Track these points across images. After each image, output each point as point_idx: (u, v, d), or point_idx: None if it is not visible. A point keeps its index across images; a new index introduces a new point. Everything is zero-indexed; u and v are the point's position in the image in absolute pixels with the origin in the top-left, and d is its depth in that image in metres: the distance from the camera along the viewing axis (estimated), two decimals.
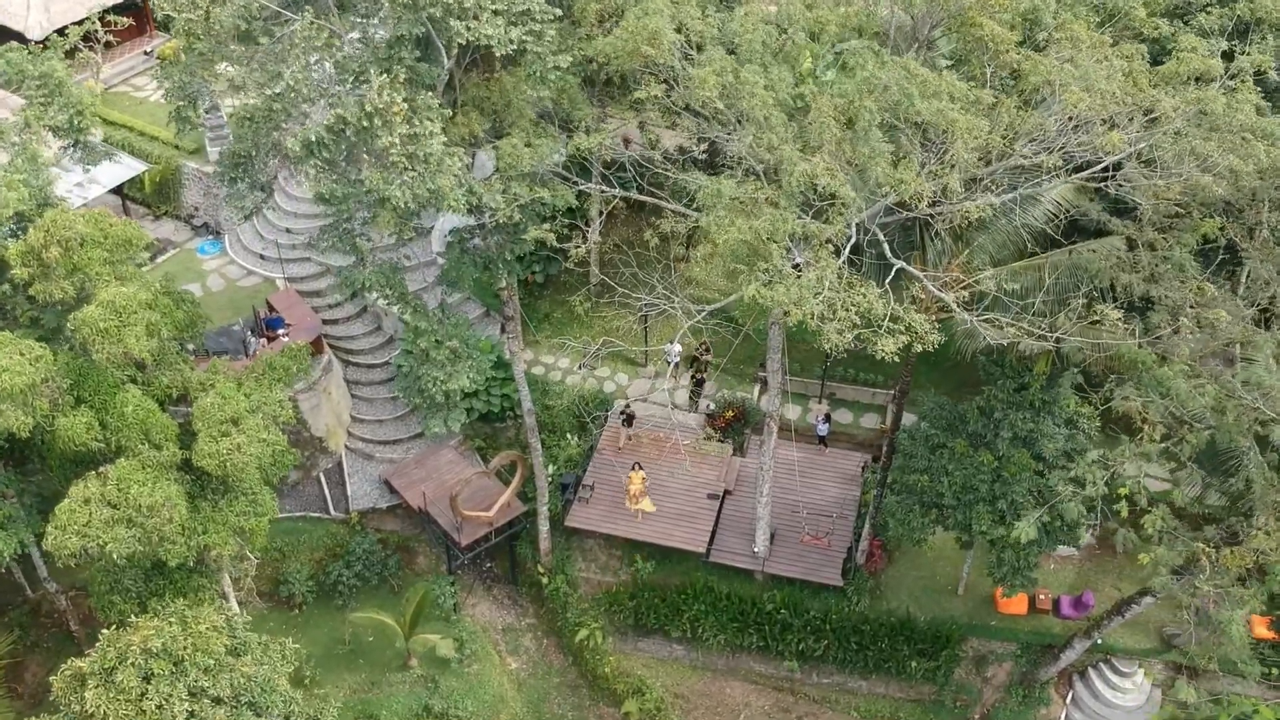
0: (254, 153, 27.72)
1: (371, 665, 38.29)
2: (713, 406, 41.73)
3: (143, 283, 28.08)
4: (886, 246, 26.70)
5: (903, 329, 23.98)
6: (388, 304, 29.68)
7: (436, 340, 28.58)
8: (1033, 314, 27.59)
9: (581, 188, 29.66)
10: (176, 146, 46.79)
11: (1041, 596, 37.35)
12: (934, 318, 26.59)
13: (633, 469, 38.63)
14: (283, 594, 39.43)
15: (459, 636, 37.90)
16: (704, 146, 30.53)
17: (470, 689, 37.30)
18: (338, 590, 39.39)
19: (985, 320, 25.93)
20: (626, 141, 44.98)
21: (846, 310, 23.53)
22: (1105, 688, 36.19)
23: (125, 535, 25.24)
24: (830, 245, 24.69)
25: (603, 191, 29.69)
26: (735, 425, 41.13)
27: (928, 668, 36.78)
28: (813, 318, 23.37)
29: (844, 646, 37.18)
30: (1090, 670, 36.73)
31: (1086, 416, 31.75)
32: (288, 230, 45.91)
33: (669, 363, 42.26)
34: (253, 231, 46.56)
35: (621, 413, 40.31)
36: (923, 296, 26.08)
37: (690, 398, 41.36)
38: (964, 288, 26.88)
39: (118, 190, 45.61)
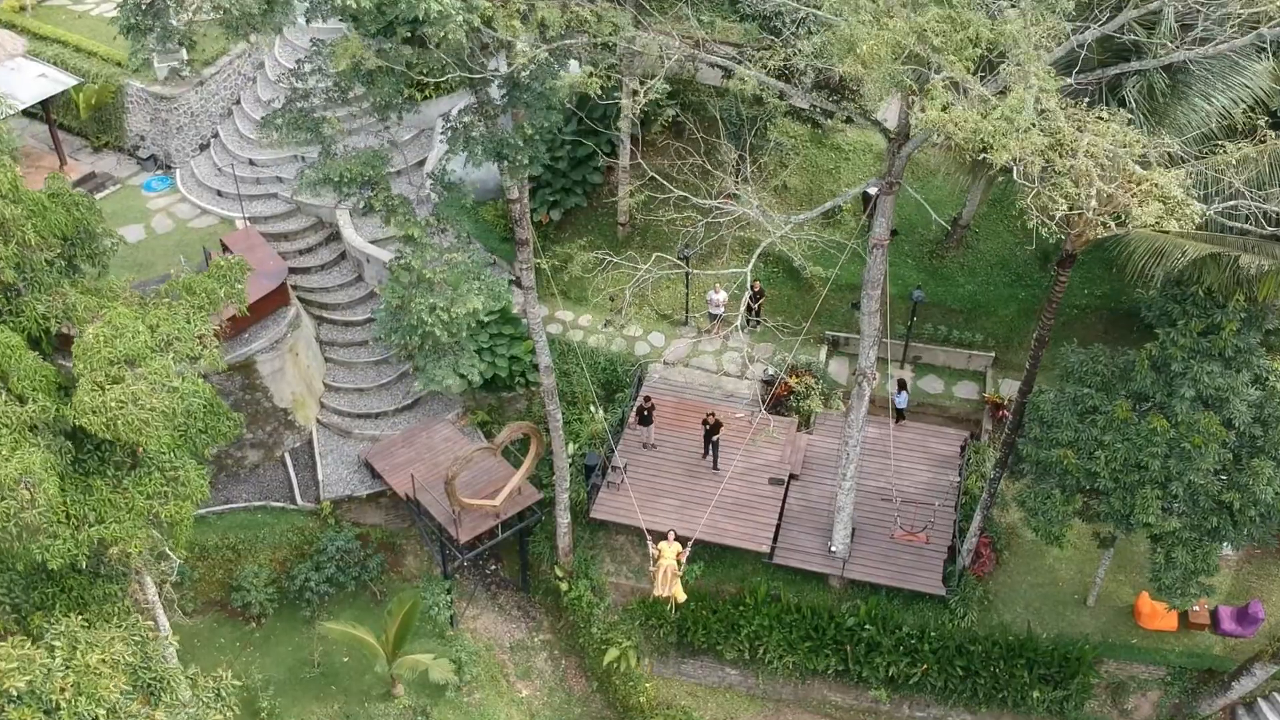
0: None
1: (346, 693, 30.36)
2: (771, 371, 33.75)
3: None
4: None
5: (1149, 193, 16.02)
6: (363, 203, 21.59)
7: (435, 253, 20.58)
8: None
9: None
10: (119, 64, 38.79)
11: (1196, 608, 29.42)
12: (1106, 212, 18.88)
13: (664, 539, 28.92)
14: (236, 603, 31.51)
15: (456, 657, 29.90)
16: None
17: None
18: (305, 598, 31.50)
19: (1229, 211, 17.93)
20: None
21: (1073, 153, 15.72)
22: None
23: None
24: (1042, 52, 16.79)
25: (639, 92, 21.52)
26: (799, 395, 33.06)
27: (1053, 698, 28.87)
28: (1016, 161, 15.55)
29: (946, 671, 29.24)
30: (1261, 702, 28.71)
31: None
32: (250, 162, 38.09)
33: (713, 316, 34.29)
34: (210, 165, 38.65)
35: (640, 409, 32.09)
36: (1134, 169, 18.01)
37: (746, 320, 33.20)
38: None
39: (46, 117, 37.65)
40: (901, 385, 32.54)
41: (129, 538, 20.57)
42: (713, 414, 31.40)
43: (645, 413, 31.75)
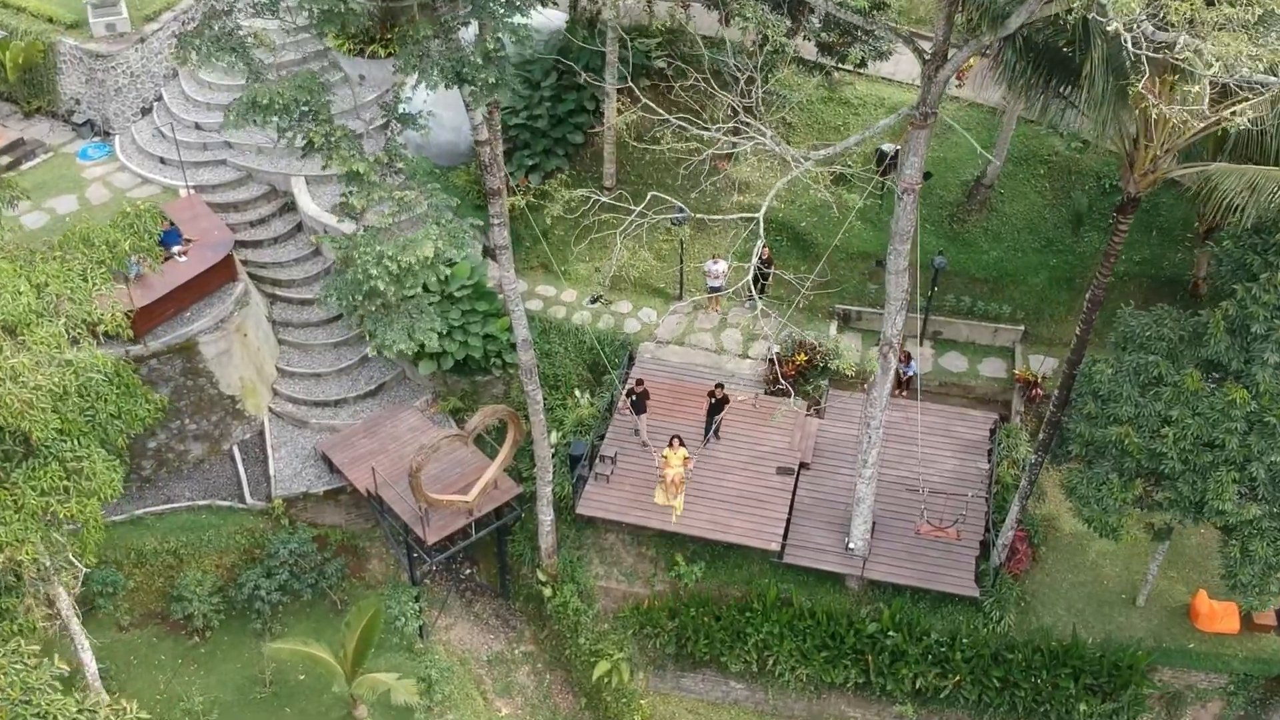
0: None
1: (302, 715, 26.92)
2: (776, 349, 30.28)
3: None
4: None
5: None
6: (300, 138, 17.96)
7: (385, 192, 17.00)
8: None
9: None
10: (50, 19, 35.06)
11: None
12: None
13: (670, 444, 27.14)
14: (177, 614, 27.85)
15: (425, 674, 26.29)
16: None
17: None
18: (255, 609, 27.88)
19: None
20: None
21: None
22: None
23: None
24: None
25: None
26: (808, 375, 29.63)
27: (1102, 711, 25.61)
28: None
29: (981, 683, 25.89)
30: None
31: None
32: (196, 126, 34.40)
33: (711, 289, 30.82)
34: (151, 131, 34.93)
35: (631, 392, 28.41)
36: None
37: (755, 284, 29.61)
38: None
39: None
40: (908, 358, 29.03)
41: (18, 542, 17.01)
42: (720, 386, 27.92)
43: (637, 397, 28.20)
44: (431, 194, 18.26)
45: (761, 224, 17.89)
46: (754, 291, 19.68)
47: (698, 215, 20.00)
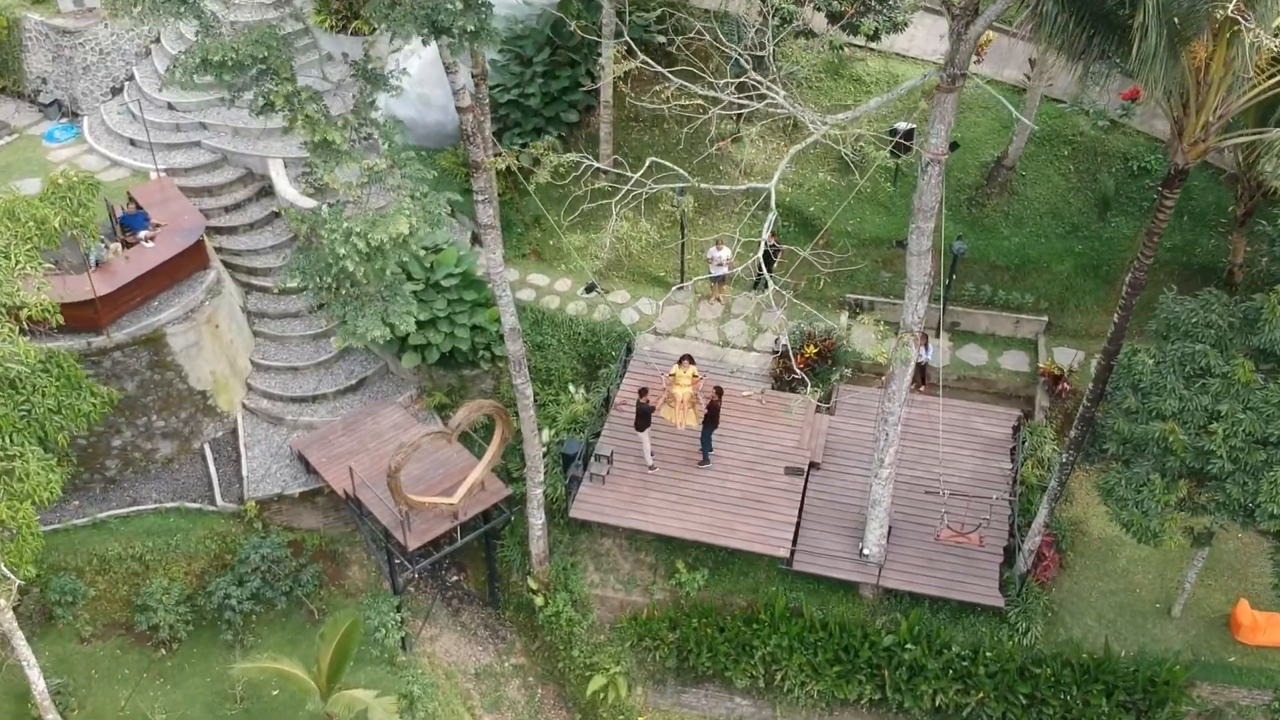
0: None
1: None
2: (784, 341, 28.40)
3: None
4: None
5: None
6: (259, 100, 16.06)
7: (355, 162, 15.10)
8: None
9: None
10: None
11: None
12: None
13: (680, 362, 25.58)
14: (142, 625, 25.99)
15: (408, 690, 24.40)
16: None
17: None
18: (225, 619, 25.98)
19: None
20: None
21: None
22: None
23: None
24: None
25: None
26: (819, 369, 27.71)
27: None
28: None
29: (1006, 699, 23.97)
30: None
31: None
32: (169, 106, 32.56)
33: (714, 277, 28.95)
34: (121, 111, 33.07)
35: (641, 408, 25.62)
36: None
37: (759, 278, 27.54)
38: None
39: None
40: (925, 339, 27.01)
41: None
42: (720, 391, 25.84)
43: (641, 411, 25.60)
44: (405, 164, 16.36)
45: (774, 195, 15.96)
46: (764, 270, 17.74)
47: (701, 185, 17.97)
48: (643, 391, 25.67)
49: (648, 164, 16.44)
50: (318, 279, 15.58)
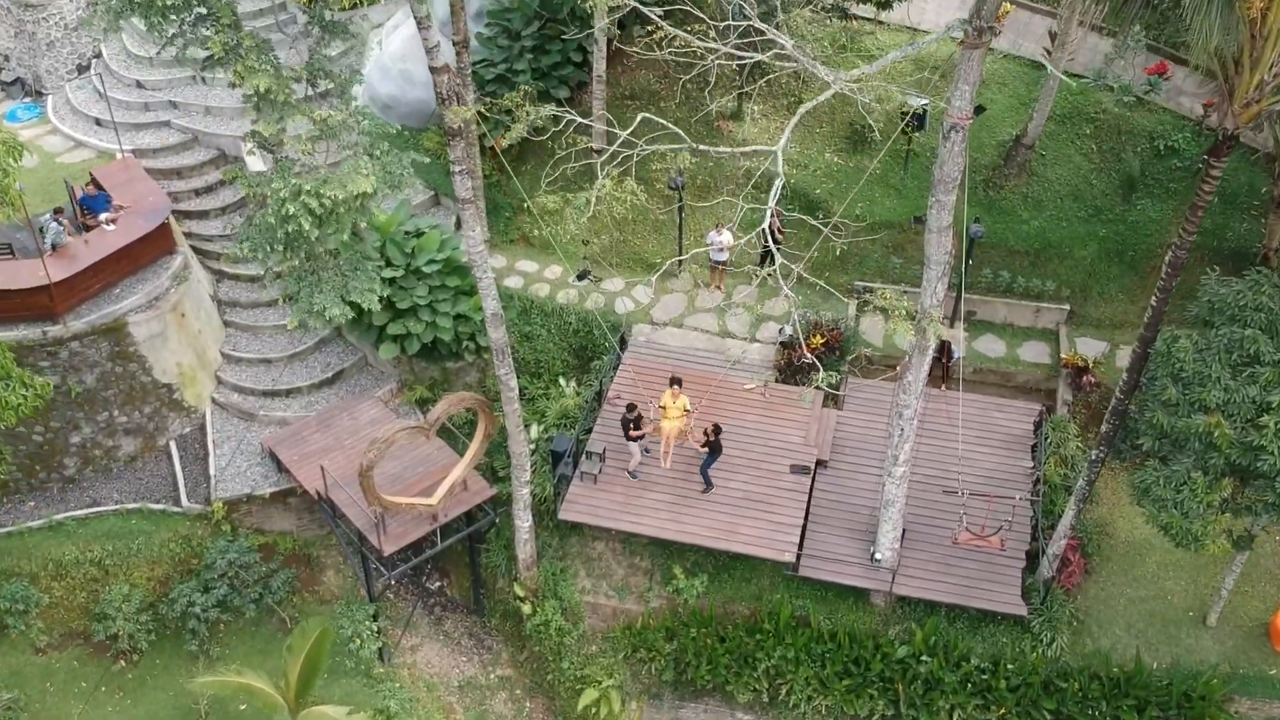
0: None
1: None
2: (788, 331, 26.64)
3: None
4: None
5: None
6: (195, 44, 14.27)
7: (304, 115, 13.32)
8: None
9: None
10: None
11: None
12: None
13: (671, 386, 23.32)
14: (100, 635, 24.22)
15: (384, 705, 22.60)
16: None
17: None
18: (190, 629, 24.22)
19: None
20: None
21: None
22: None
23: None
24: None
25: None
26: (825, 361, 25.91)
27: None
28: None
29: (1030, 715, 22.30)
30: None
31: None
32: (138, 84, 30.83)
33: (714, 262, 27.21)
34: (89, 91, 31.31)
35: (626, 423, 23.63)
36: None
37: (764, 259, 25.71)
38: None
39: None
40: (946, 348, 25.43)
41: None
42: (718, 429, 23.47)
43: (632, 424, 23.62)
44: (363, 117, 14.59)
45: (780, 159, 14.17)
46: (770, 242, 15.97)
47: (700, 146, 16.19)
48: (631, 407, 23.73)
49: (638, 120, 14.65)
50: (267, 246, 13.83)
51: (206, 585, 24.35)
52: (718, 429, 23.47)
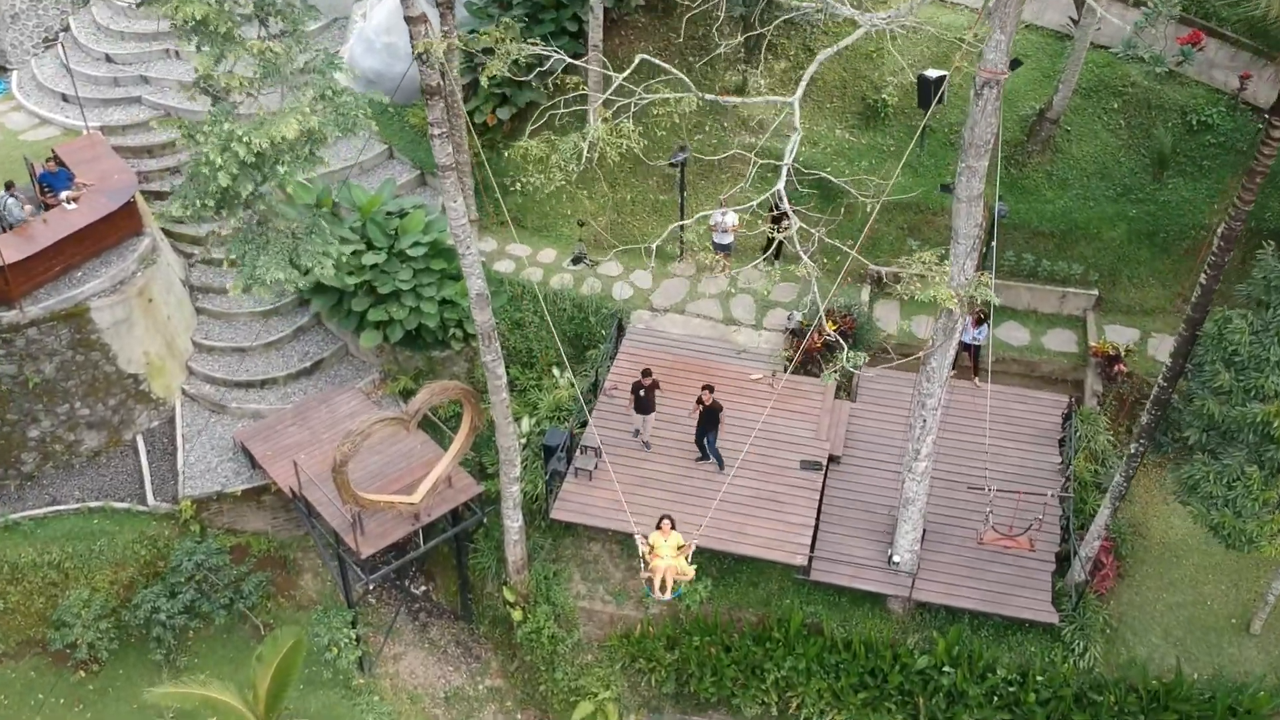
0: None
1: None
2: (797, 318, 24.99)
3: None
4: None
5: None
6: None
7: (245, 50, 11.62)
8: None
9: None
10: None
11: None
12: None
13: (659, 526, 19.65)
14: (57, 643, 22.51)
15: (364, 719, 20.90)
16: None
17: None
18: (155, 636, 22.53)
19: None
20: None
21: None
22: None
23: None
24: None
25: None
26: (837, 350, 24.17)
27: None
28: None
29: None
30: None
31: None
32: (107, 58, 29.15)
33: (718, 246, 25.50)
34: (55, 65, 29.63)
35: (638, 386, 22.25)
36: None
37: (770, 243, 23.86)
38: None
39: None
40: (981, 319, 23.59)
41: None
42: (709, 388, 22.14)
43: (645, 392, 22.38)
44: (314, 51, 12.86)
45: (797, 111, 12.47)
46: (783, 202, 14.28)
47: (706, 96, 14.46)
48: (646, 373, 22.16)
49: (636, 60, 12.96)
50: (198, 201, 12.14)
51: (173, 590, 22.66)
52: (710, 390, 21.72)
